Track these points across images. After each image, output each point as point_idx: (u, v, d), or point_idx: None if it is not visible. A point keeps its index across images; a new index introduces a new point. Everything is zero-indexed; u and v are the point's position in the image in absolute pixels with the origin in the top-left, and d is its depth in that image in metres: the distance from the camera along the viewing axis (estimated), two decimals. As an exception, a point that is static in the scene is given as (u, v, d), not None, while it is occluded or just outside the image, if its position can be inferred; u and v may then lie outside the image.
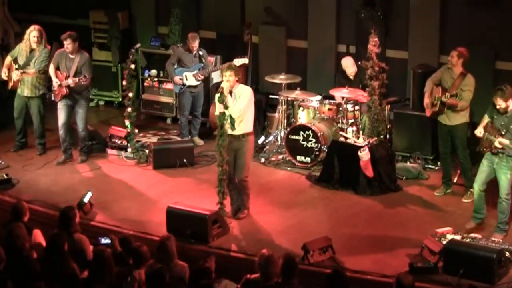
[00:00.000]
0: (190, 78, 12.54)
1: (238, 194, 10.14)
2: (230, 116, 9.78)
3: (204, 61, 12.64)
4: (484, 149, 9.43)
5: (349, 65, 12.18)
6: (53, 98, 11.88)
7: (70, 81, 11.56)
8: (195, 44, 12.51)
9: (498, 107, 9.31)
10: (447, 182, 10.85)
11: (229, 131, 9.85)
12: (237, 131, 9.84)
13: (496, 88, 9.41)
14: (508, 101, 9.25)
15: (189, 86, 12.56)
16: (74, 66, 11.65)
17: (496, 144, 9.25)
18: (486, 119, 9.49)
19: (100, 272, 7.38)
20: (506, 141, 9.20)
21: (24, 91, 12.06)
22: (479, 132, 9.44)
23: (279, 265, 7.33)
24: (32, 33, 11.98)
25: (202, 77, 12.61)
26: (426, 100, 10.66)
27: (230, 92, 9.79)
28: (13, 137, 12.55)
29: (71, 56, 11.67)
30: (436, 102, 10.50)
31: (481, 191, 9.59)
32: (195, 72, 12.54)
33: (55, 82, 11.70)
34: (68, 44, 11.62)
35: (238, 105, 9.76)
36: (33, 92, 12.03)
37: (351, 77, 12.18)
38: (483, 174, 9.54)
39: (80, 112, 11.88)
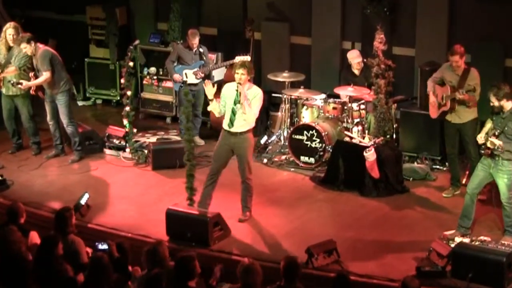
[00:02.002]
0: (190, 76, 12.56)
1: (209, 193, 10.11)
2: (232, 113, 9.80)
3: (204, 58, 12.66)
4: (483, 151, 9.42)
5: (354, 56, 12.15)
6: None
7: (20, 85, 11.70)
8: (195, 41, 12.53)
9: (491, 104, 9.29)
10: (455, 183, 10.86)
11: (226, 127, 9.88)
12: (236, 129, 9.87)
13: (493, 85, 9.37)
14: (502, 101, 9.20)
15: (189, 84, 12.58)
16: (35, 64, 11.74)
17: (488, 144, 9.19)
18: (489, 123, 9.47)
19: (97, 279, 7.40)
20: (497, 142, 9.12)
21: (9, 90, 12.06)
22: (480, 137, 9.41)
23: (261, 274, 7.31)
24: (8, 30, 11.99)
25: (203, 75, 12.63)
26: (432, 99, 10.68)
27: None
28: (5, 138, 12.57)
29: (34, 53, 11.70)
30: (445, 101, 10.50)
31: (473, 195, 9.52)
32: (195, 69, 12.55)
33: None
34: (24, 48, 11.66)
35: (254, 110, 9.81)
36: (17, 90, 12.01)
37: (357, 71, 12.15)
38: (476, 178, 9.49)
39: (60, 108, 11.89)
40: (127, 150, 12.19)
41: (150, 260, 7.66)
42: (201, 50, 12.62)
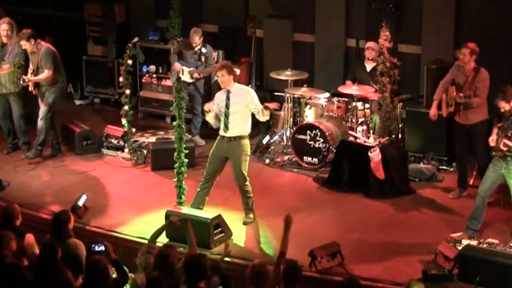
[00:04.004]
0: (185, 74, 12.53)
1: (203, 198, 10.13)
2: (225, 116, 9.84)
3: (203, 59, 12.55)
4: (494, 153, 9.43)
5: (370, 45, 12.05)
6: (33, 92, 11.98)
7: (25, 82, 11.72)
8: (195, 40, 12.50)
9: (502, 110, 9.31)
10: (463, 184, 10.84)
11: (222, 132, 9.91)
12: (231, 133, 9.89)
13: (498, 91, 9.44)
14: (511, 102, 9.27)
15: (183, 82, 12.55)
16: (35, 61, 11.73)
17: (501, 146, 9.23)
18: (498, 125, 9.50)
19: (94, 283, 7.42)
20: (511, 143, 9.18)
21: (2, 88, 12.07)
22: (492, 140, 9.43)
23: (272, 276, 7.33)
24: (2, 26, 11.96)
25: (197, 76, 12.55)
26: (433, 109, 10.72)
27: (229, 92, 9.85)
28: (1, 138, 12.58)
29: (34, 51, 11.73)
30: (451, 102, 10.50)
31: (484, 197, 9.53)
32: (191, 68, 12.50)
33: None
34: (24, 45, 11.70)
35: (259, 105, 9.88)
36: (12, 88, 12.03)
37: (369, 66, 12.10)
38: (488, 180, 9.50)
39: (46, 100, 11.89)
40: (126, 150, 12.21)
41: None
42: (203, 50, 12.56)
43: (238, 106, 9.87)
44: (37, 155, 12.08)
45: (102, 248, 8.17)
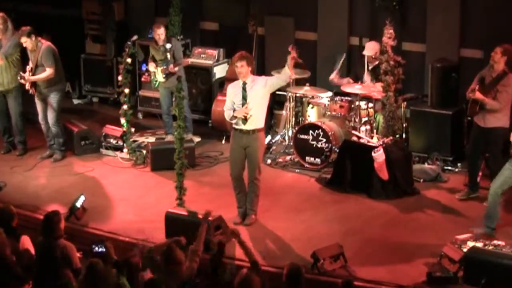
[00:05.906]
0: (159, 74, 12.47)
1: (245, 197, 10.18)
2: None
3: (168, 55, 12.39)
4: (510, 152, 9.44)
5: (370, 47, 12.03)
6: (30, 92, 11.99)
7: (23, 80, 11.71)
8: (157, 34, 12.39)
9: None
10: (472, 187, 10.75)
11: (238, 126, 9.92)
12: (248, 126, 9.90)
13: None
14: None
15: (161, 82, 12.52)
16: (34, 60, 11.73)
17: None
18: None
19: (92, 285, 7.46)
20: None
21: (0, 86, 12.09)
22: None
23: (258, 285, 7.37)
24: None
25: (171, 70, 12.38)
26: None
27: (245, 84, 9.85)
28: (-2, 138, 12.66)
29: (34, 48, 11.75)
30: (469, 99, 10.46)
31: (496, 195, 9.54)
32: (163, 67, 12.41)
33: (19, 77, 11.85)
34: (25, 43, 11.70)
35: (273, 80, 10.12)
36: (9, 85, 12.04)
37: (370, 64, 12.09)
38: (501, 177, 9.51)
39: (51, 106, 11.90)
40: (125, 150, 12.21)
41: None
42: (167, 46, 12.36)
43: (256, 97, 9.90)
44: (64, 155, 12.15)
45: (103, 249, 8.19)
